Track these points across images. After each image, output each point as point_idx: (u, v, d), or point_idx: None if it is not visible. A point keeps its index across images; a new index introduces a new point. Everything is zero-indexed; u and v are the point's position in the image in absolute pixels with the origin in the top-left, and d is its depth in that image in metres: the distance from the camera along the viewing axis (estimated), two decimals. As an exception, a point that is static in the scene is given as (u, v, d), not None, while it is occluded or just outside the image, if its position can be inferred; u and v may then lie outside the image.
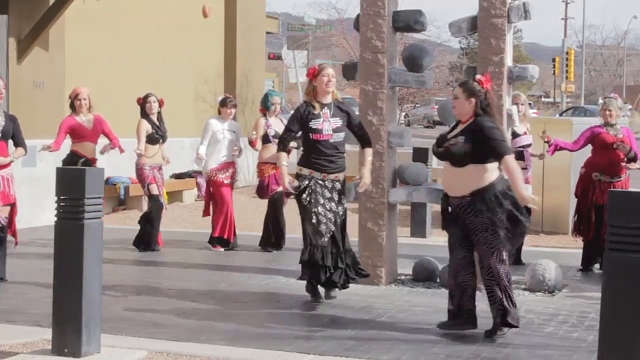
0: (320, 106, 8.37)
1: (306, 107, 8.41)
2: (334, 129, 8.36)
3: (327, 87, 8.36)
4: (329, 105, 8.40)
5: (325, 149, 8.34)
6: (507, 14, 8.93)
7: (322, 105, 8.37)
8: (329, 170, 8.39)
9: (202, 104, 18.31)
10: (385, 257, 9.27)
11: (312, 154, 8.39)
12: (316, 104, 8.39)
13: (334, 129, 8.37)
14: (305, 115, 8.36)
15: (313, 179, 8.35)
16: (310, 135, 8.35)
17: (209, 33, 19.39)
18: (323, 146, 8.33)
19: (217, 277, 9.84)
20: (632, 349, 5.65)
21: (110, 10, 16.00)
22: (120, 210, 15.58)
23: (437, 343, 6.97)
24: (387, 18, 9.30)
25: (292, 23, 34.34)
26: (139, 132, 11.39)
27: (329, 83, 8.37)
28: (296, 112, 8.51)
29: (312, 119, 8.33)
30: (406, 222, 13.53)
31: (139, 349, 6.68)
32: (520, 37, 68.87)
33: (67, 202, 6.34)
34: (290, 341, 6.94)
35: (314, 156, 8.38)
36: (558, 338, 7.21)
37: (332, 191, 8.41)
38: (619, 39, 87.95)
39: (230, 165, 11.73)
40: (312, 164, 8.39)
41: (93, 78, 14.78)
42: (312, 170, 8.37)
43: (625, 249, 5.66)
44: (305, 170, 8.40)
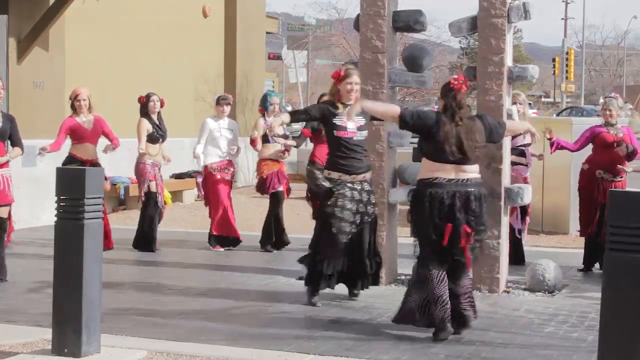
0: (344, 107, 8.34)
1: (330, 106, 8.41)
2: (357, 127, 8.34)
3: (349, 94, 8.34)
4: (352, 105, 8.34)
5: (350, 147, 8.30)
6: (507, 14, 8.93)
7: (345, 106, 8.34)
8: (357, 170, 8.35)
9: (202, 104, 18.32)
10: (385, 257, 9.26)
11: (337, 153, 8.34)
12: (340, 105, 8.38)
13: (358, 127, 8.35)
14: (328, 112, 8.36)
15: (342, 182, 8.31)
16: (335, 132, 8.32)
17: (209, 33, 19.40)
18: (348, 143, 8.30)
19: (217, 277, 9.84)
20: (633, 349, 5.65)
21: (110, 11, 16.01)
22: (120, 210, 15.58)
23: (436, 343, 6.96)
24: (387, 18, 9.30)
25: (292, 23, 34.35)
26: (140, 131, 11.40)
27: (351, 92, 8.35)
28: (320, 104, 8.54)
29: (335, 117, 8.33)
30: (406, 222, 13.47)
31: (139, 349, 6.68)
32: (520, 37, 68.84)
33: (67, 202, 6.34)
34: (290, 341, 6.94)
35: (340, 156, 8.32)
36: (558, 338, 7.21)
37: (361, 192, 8.36)
38: (619, 39, 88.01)
39: (230, 164, 11.74)
40: (339, 165, 8.33)
41: (93, 78, 14.78)
42: (341, 174, 8.32)
43: (626, 249, 5.66)
44: (334, 174, 8.33)
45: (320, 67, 44.11)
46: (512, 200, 9.05)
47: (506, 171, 9.06)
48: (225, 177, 11.66)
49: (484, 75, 8.98)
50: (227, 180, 11.70)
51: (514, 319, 7.86)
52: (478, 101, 9.12)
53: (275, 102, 11.73)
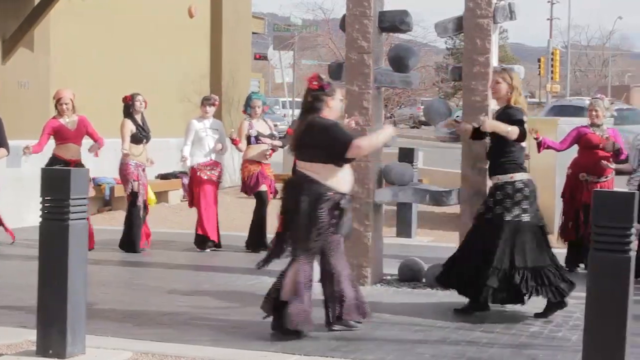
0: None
1: None
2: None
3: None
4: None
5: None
6: (493, 14, 8.95)
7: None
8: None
9: (188, 104, 18.27)
10: (371, 257, 9.27)
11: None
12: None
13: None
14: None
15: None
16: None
17: (194, 33, 19.36)
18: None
19: (202, 277, 9.83)
20: (617, 348, 5.67)
21: (96, 11, 15.95)
22: (106, 210, 15.54)
23: (422, 343, 6.97)
24: (373, 18, 9.30)
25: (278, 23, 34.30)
26: (124, 132, 11.39)
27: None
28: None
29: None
30: (392, 222, 13.53)
31: (124, 349, 6.66)
32: (505, 38, 68.97)
33: (52, 202, 6.32)
34: (275, 341, 6.94)
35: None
36: (543, 337, 7.23)
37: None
38: (604, 40, 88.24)
39: (216, 165, 11.74)
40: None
41: (78, 78, 14.74)
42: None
43: (610, 249, 5.69)
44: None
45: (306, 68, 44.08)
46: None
47: (491, 171, 9.07)
48: (212, 177, 11.66)
49: (470, 75, 8.99)
50: (213, 181, 11.69)
51: (499, 318, 7.87)
52: (464, 101, 9.14)
53: (255, 105, 11.73)
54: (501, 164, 8.08)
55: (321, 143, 7.09)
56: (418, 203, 10.32)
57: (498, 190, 8.02)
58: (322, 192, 7.08)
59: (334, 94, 7.27)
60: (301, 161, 7.26)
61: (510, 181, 7.98)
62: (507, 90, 8.09)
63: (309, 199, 7.06)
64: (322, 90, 7.24)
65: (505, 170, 8.04)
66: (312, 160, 7.15)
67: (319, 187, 7.09)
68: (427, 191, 9.37)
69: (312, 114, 7.22)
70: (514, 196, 7.95)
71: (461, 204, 9.09)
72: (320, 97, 7.22)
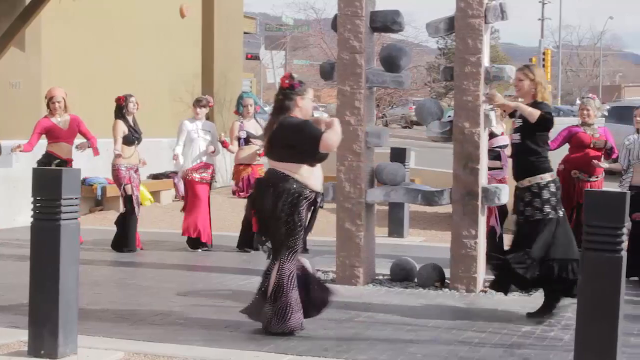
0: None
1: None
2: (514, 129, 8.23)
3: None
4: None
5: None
6: (484, 14, 8.96)
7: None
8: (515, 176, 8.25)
9: (180, 104, 18.26)
10: (363, 257, 9.28)
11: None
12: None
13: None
14: None
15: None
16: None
17: (186, 33, 19.35)
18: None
19: (194, 277, 9.82)
20: (609, 348, 5.68)
21: (88, 11, 15.93)
22: (97, 210, 15.52)
23: (414, 343, 6.98)
24: (365, 18, 9.31)
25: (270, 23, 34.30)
26: (116, 133, 11.37)
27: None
28: None
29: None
30: (384, 222, 13.53)
31: (116, 349, 6.65)
32: (497, 38, 68.99)
33: (44, 202, 6.31)
34: (268, 341, 6.93)
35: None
36: (535, 337, 7.24)
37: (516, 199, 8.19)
38: (595, 40, 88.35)
39: (208, 166, 11.73)
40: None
41: (70, 78, 14.71)
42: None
43: (602, 249, 5.70)
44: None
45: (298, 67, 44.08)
46: (490, 200, 9.08)
47: (483, 171, 9.09)
48: (203, 179, 11.64)
49: (461, 75, 9.00)
50: (205, 183, 11.67)
51: (491, 318, 7.88)
52: (455, 101, 9.15)
53: (247, 104, 11.73)
54: (530, 165, 7.97)
55: (293, 142, 7.12)
56: (410, 203, 10.33)
57: (527, 192, 7.94)
58: (301, 190, 7.12)
59: (305, 94, 7.29)
60: (274, 161, 7.26)
61: (540, 182, 7.94)
62: (529, 87, 8.02)
63: (288, 197, 7.09)
64: (293, 89, 7.27)
65: (534, 172, 7.96)
66: (287, 160, 7.17)
67: (298, 185, 7.12)
68: (419, 191, 9.38)
69: (282, 112, 7.25)
70: (541, 194, 7.90)
71: (453, 204, 9.10)
72: (291, 96, 7.25)
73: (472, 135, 8.92)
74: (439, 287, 9.15)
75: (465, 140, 8.96)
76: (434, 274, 9.28)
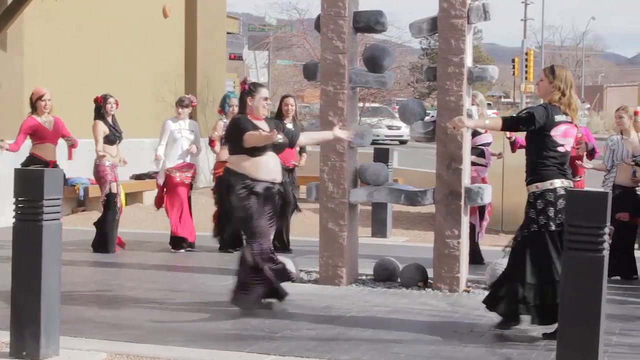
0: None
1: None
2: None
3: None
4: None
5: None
6: (467, 14, 8.98)
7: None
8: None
9: (163, 104, 18.22)
10: (346, 258, 9.28)
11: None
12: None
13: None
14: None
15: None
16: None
17: (169, 33, 19.31)
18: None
19: (177, 278, 9.80)
20: (591, 347, 5.71)
21: (71, 10, 15.87)
22: (80, 211, 15.47)
23: (397, 343, 6.98)
24: (348, 19, 9.31)
25: (253, 23, 34.19)
26: (97, 133, 11.34)
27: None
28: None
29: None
30: (367, 222, 13.55)
31: (99, 351, 6.63)
32: (480, 38, 69.26)
33: (26, 203, 6.28)
34: (251, 342, 6.93)
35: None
36: (517, 337, 7.25)
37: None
38: (577, 40, 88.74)
39: (190, 166, 11.72)
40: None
41: (53, 78, 14.65)
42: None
43: (584, 248, 5.72)
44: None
45: (281, 68, 44.04)
46: (472, 200, 9.10)
47: (466, 171, 9.11)
48: (184, 179, 11.63)
49: (444, 75, 9.02)
50: (186, 183, 11.67)
51: (474, 318, 7.90)
52: (438, 101, 9.16)
53: (234, 104, 11.70)
54: (540, 170, 7.36)
55: (229, 136, 8.18)
56: (393, 203, 10.35)
57: (539, 199, 7.31)
58: (233, 180, 7.92)
59: (254, 94, 8.09)
60: (229, 155, 8.16)
61: (551, 188, 7.25)
62: (547, 88, 7.45)
63: (233, 188, 7.87)
64: (244, 92, 8.15)
65: (543, 177, 7.32)
66: (231, 153, 8.05)
67: (231, 175, 7.94)
68: (402, 191, 9.39)
69: (240, 112, 8.19)
70: (556, 203, 7.20)
71: (436, 204, 9.11)
72: (243, 97, 8.15)
73: (455, 135, 8.94)
74: (422, 287, 9.17)
75: (448, 141, 8.97)
76: (417, 274, 9.30)
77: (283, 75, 45.98)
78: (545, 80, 7.49)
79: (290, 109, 11.61)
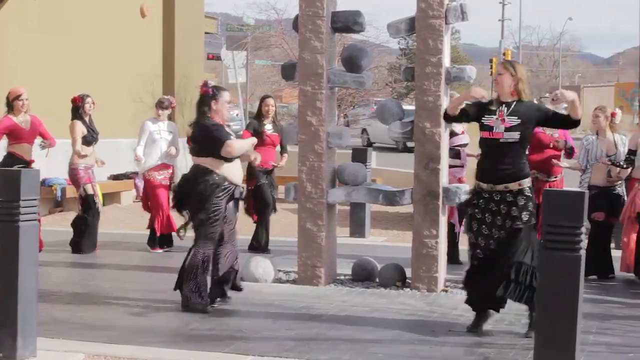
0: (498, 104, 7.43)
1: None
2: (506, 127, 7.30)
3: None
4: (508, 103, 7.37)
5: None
6: (445, 15, 9.00)
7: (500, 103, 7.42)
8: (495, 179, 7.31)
9: (140, 105, 18.17)
10: (325, 258, 9.28)
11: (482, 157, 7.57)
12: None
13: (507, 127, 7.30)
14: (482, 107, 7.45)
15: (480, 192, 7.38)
16: (480, 133, 7.43)
17: (147, 33, 19.25)
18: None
19: (155, 278, 9.77)
20: (568, 346, 5.73)
21: (47, 11, 15.82)
22: (57, 211, 15.40)
23: (375, 343, 6.99)
24: (326, 19, 9.31)
25: (231, 23, 34.14)
26: (75, 134, 11.31)
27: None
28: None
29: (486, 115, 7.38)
30: (345, 222, 13.56)
31: (76, 352, 6.61)
32: (458, 38, 69.30)
33: (2, 204, 6.25)
34: (229, 342, 6.92)
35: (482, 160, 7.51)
36: (495, 336, 7.27)
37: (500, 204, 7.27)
38: (554, 40, 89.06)
39: (168, 167, 11.71)
40: (480, 171, 7.44)
41: (29, 78, 14.58)
42: (480, 182, 7.40)
43: (561, 248, 5.74)
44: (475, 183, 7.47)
45: (259, 68, 43.97)
46: (450, 200, 9.12)
47: (444, 171, 9.13)
48: (163, 180, 11.62)
49: (422, 75, 9.03)
50: (165, 184, 11.65)
51: (452, 317, 7.92)
52: (416, 101, 9.18)
53: None
54: (522, 169, 7.33)
55: (204, 141, 8.05)
56: (371, 203, 10.36)
57: (519, 195, 7.23)
58: (218, 182, 7.96)
59: (218, 98, 8.11)
60: (195, 156, 8.15)
61: (529, 185, 7.33)
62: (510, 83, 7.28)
63: (206, 188, 7.94)
64: (208, 95, 8.12)
65: (525, 175, 7.32)
66: (204, 155, 8.03)
67: (215, 177, 7.96)
68: (380, 191, 9.40)
69: (202, 115, 8.12)
70: (532, 199, 7.28)
71: (414, 204, 9.13)
72: (206, 100, 8.12)
73: (433, 135, 8.96)
74: (400, 287, 9.18)
75: (426, 141, 8.99)
76: (395, 274, 9.31)
77: (261, 76, 45.92)
78: (507, 74, 7.32)
79: (270, 110, 11.62)
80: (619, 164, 10.10)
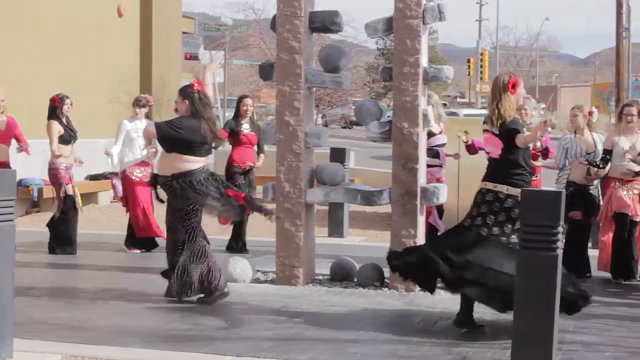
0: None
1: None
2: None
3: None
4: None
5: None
6: (422, 15, 9.02)
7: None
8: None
9: (118, 104, 18.11)
10: (303, 258, 9.28)
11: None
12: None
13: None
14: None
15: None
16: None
17: (124, 33, 19.19)
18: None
19: (133, 279, 9.74)
20: (544, 344, 5.76)
21: (23, 9, 15.72)
22: (34, 212, 15.33)
23: (354, 343, 7.00)
24: (304, 18, 9.31)
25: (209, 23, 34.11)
26: (52, 133, 11.25)
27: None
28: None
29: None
30: (324, 222, 13.57)
31: (53, 353, 6.58)
32: (435, 38, 69.57)
33: (-22, 204, 6.22)
34: (207, 342, 6.91)
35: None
36: (473, 335, 7.28)
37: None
38: (531, 41, 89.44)
39: (146, 165, 11.67)
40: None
41: (6, 78, 14.50)
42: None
43: (537, 247, 5.77)
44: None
45: (237, 68, 43.96)
46: (429, 200, 9.14)
47: (422, 171, 9.15)
48: (143, 178, 11.58)
49: (400, 75, 9.05)
50: (145, 182, 11.61)
51: (430, 317, 7.93)
52: (394, 101, 9.19)
53: None
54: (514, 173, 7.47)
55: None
56: (350, 203, 10.37)
57: (509, 199, 7.36)
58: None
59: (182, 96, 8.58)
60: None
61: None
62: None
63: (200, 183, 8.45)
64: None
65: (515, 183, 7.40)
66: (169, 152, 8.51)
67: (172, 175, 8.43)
68: (359, 191, 9.40)
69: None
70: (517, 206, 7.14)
71: (392, 204, 9.14)
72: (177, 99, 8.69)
73: (411, 135, 8.98)
74: (378, 286, 9.19)
75: (404, 140, 9.01)
76: (374, 274, 9.32)
77: (239, 76, 45.93)
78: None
79: (248, 110, 11.62)
80: (595, 164, 10.14)
